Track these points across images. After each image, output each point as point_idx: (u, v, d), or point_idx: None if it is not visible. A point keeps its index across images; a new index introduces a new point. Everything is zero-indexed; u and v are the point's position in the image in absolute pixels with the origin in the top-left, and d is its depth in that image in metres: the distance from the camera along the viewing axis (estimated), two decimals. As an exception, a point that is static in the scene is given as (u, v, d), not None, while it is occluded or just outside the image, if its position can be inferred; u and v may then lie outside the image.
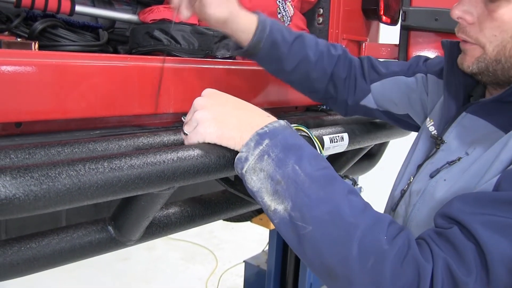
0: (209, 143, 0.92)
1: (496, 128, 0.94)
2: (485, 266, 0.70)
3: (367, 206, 0.80)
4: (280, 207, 0.80)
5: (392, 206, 1.12)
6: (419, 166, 1.08)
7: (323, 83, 1.34)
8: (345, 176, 1.46)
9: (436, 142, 1.05)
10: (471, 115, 1.01)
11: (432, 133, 1.11)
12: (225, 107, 0.93)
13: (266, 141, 0.84)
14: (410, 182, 1.08)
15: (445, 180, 0.97)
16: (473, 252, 0.71)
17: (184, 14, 1.10)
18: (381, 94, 1.35)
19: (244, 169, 0.84)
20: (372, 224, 0.76)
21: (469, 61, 0.95)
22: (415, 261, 0.72)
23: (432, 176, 1.01)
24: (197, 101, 0.94)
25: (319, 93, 1.37)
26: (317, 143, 1.08)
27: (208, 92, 0.97)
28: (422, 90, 1.27)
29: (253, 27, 1.18)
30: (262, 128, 0.86)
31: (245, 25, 1.18)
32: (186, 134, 0.94)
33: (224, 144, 0.90)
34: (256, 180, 0.83)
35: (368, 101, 1.37)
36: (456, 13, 0.93)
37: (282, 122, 0.88)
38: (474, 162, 0.92)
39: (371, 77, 1.35)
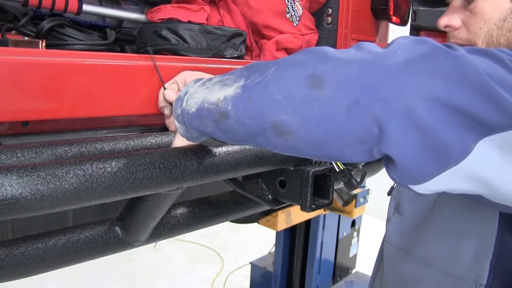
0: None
1: None
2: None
3: None
4: (229, 91, 0.74)
5: (396, 205, 1.13)
6: None
7: None
8: (349, 178, 1.42)
9: None
10: None
11: None
12: None
13: (207, 78, 0.83)
14: None
15: None
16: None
17: None
18: None
19: (185, 100, 0.81)
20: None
21: None
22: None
23: None
24: None
25: None
26: None
27: None
28: None
29: None
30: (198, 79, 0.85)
31: None
32: None
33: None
34: (198, 97, 0.79)
35: None
36: (442, 22, 1.03)
37: None
38: None
39: None
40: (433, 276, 1.00)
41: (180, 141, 0.93)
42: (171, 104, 0.97)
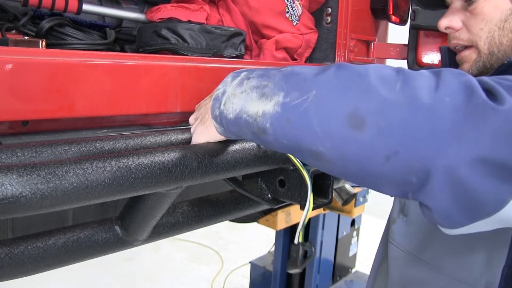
0: (218, 142, 0.91)
1: None
2: None
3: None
4: (268, 106, 0.73)
5: (401, 206, 1.12)
6: None
7: None
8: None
9: None
10: None
11: None
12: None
13: (244, 73, 0.81)
14: None
15: None
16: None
17: None
18: None
19: (223, 102, 0.80)
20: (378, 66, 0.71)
21: (468, 66, 1.01)
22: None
23: None
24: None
25: None
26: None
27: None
28: None
29: None
30: (235, 72, 0.84)
31: None
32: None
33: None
34: (236, 103, 0.78)
35: None
36: (443, 24, 1.02)
37: None
38: None
39: None
40: (442, 280, 0.98)
41: (202, 137, 0.93)
42: None
